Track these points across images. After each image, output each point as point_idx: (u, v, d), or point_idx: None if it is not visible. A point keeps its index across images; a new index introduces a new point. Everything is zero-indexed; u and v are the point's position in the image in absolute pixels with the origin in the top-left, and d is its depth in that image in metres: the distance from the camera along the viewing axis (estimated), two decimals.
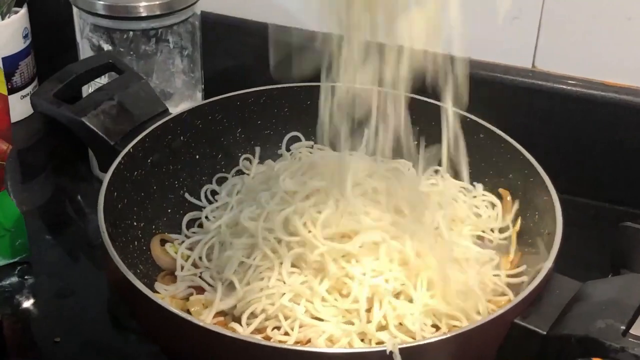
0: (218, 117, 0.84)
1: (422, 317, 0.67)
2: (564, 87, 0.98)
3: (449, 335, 0.61)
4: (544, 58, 0.99)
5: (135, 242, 0.76)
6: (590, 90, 0.97)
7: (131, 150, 0.76)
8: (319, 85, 0.83)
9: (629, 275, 0.66)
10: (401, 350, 0.59)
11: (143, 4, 0.92)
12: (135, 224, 0.77)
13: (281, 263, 0.69)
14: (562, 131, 0.98)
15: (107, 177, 0.73)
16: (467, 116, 0.82)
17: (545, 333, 0.63)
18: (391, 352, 0.59)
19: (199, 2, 0.97)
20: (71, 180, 0.99)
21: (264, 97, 0.85)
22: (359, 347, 0.64)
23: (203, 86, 1.02)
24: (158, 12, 0.93)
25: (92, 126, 0.79)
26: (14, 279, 0.82)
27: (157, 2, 0.93)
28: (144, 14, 0.93)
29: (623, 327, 0.60)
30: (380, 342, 0.66)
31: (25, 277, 0.82)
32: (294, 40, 0.86)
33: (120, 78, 0.82)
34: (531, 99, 0.98)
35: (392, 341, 0.60)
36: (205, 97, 0.98)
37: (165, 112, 0.82)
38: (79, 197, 0.96)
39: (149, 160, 0.79)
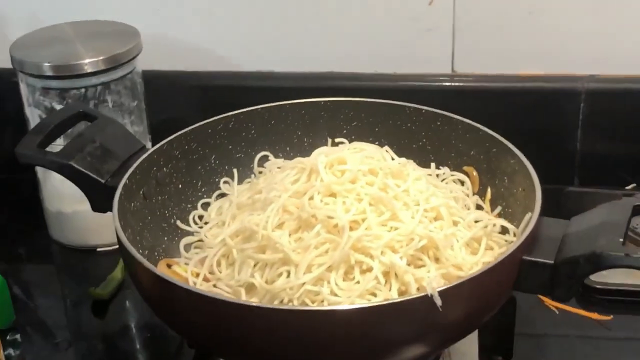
0: (193, 145, 0.88)
1: (438, 278, 0.73)
2: (484, 84, 1.08)
3: (472, 276, 0.68)
4: (461, 62, 1.09)
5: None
6: (507, 83, 1.07)
7: (127, 182, 0.80)
8: (282, 105, 0.90)
9: (607, 204, 0.74)
10: (440, 293, 0.65)
11: (88, 60, 0.96)
12: (140, 251, 0.79)
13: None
14: (488, 125, 1.07)
15: (114, 207, 0.76)
16: (422, 108, 0.90)
17: (553, 262, 0.70)
18: (431, 295, 0.65)
19: (140, 59, 1.02)
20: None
21: (232, 122, 0.90)
22: (401, 297, 0.69)
23: (150, 136, 1.06)
24: (103, 67, 0.98)
25: (81, 168, 0.82)
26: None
27: (102, 58, 0.97)
28: (90, 70, 0.97)
29: (621, 239, 0.68)
30: None
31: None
32: None
33: (96, 123, 0.86)
34: (455, 101, 1.07)
35: (430, 284, 0.65)
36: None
37: (144, 148, 0.86)
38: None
39: (141, 192, 0.82)
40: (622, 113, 1.06)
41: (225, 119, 0.90)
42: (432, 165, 0.89)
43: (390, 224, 0.76)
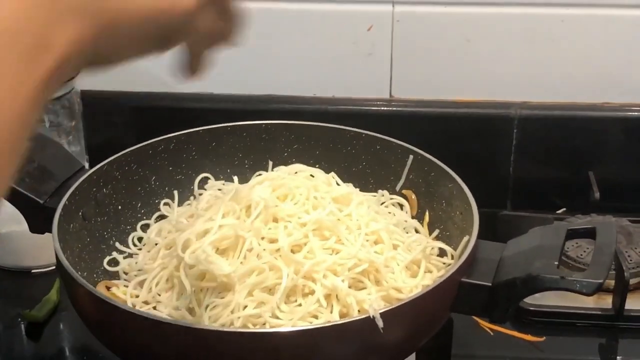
0: (133, 167, 0.88)
1: (379, 300, 0.74)
2: (421, 109, 1.10)
3: (412, 298, 0.69)
4: (399, 87, 1.11)
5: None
6: (443, 109, 1.10)
7: (66, 203, 0.79)
8: (222, 127, 0.90)
9: (542, 228, 0.76)
10: (381, 314, 0.66)
11: None
12: (79, 273, 0.78)
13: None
14: (424, 150, 1.09)
15: (54, 228, 0.75)
16: (362, 132, 0.92)
17: (490, 284, 0.72)
18: (373, 317, 0.66)
19: (79, 79, 1.01)
20: None
21: (173, 143, 0.90)
22: (343, 319, 0.70)
23: (88, 157, 1.06)
24: None
25: (19, 188, 0.81)
26: None
27: None
28: None
29: (556, 262, 0.70)
30: None
31: None
32: None
33: (34, 143, 0.84)
34: (392, 125, 1.09)
35: (372, 306, 0.66)
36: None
37: (83, 168, 0.86)
38: None
39: (80, 213, 0.82)
40: (554, 139, 1.09)
41: (166, 140, 0.90)
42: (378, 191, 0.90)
43: (333, 247, 0.76)
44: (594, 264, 0.70)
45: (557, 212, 1.09)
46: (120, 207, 0.87)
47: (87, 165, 1.03)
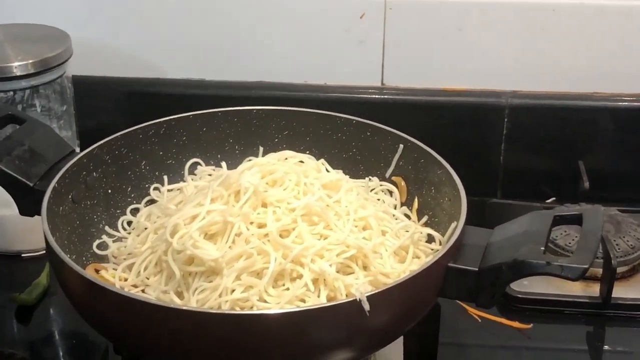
0: (124, 151, 0.88)
1: (366, 284, 0.74)
2: (411, 97, 1.10)
3: (399, 282, 0.69)
4: (390, 75, 1.11)
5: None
6: (434, 97, 1.10)
7: (56, 185, 0.79)
8: (214, 113, 0.90)
9: (529, 214, 0.77)
10: (368, 297, 0.66)
11: (17, 63, 0.95)
12: (68, 256, 0.78)
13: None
14: (415, 138, 1.09)
15: (43, 211, 0.76)
16: (352, 119, 0.92)
17: (477, 269, 0.73)
18: (360, 300, 0.66)
19: (70, 63, 1.01)
20: None
21: (164, 128, 0.90)
22: (330, 302, 0.70)
23: (79, 141, 1.06)
24: (33, 71, 0.97)
25: (9, 171, 0.81)
26: None
27: (31, 61, 0.96)
28: (18, 73, 0.96)
29: (542, 248, 0.71)
30: None
31: None
32: None
33: (25, 126, 0.85)
34: (383, 113, 1.09)
35: (359, 290, 0.67)
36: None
37: (73, 152, 0.86)
38: None
39: (69, 196, 0.82)
40: (544, 128, 1.09)
41: (156, 125, 0.90)
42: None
43: (321, 233, 0.77)
44: (579, 249, 0.70)
45: (547, 201, 1.10)
46: (110, 191, 0.88)
47: (78, 149, 1.03)
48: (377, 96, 1.10)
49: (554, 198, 1.10)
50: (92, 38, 1.10)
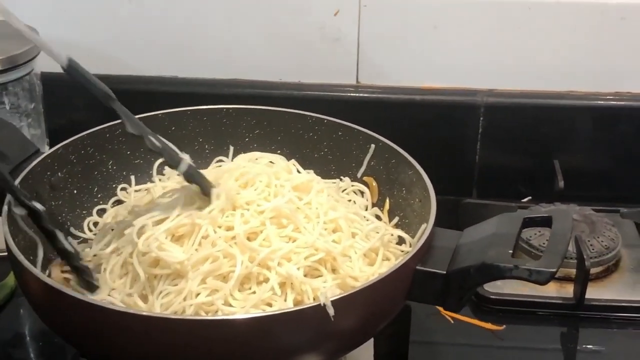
0: (90, 150, 0.87)
1: (334, 288, 0.73)
2: (387, 96, 1.09)
3: (365, 286, 0.68)
4: (365, 73, 1.10)
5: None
6: (409, 95, 1.09)
7: (18, 186, 0.77)
8: (183, 111, 0.89)
9: (498, 216, 0.76)
10: (333, 302, 0.65)
11: None
12: (31, 257, 0.77)
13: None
14: (390, 136, 1.08)
15: (4, 214, 0.74)
16: (324, 118, 0.91)
17: (445, 272, 0.72)
18: (324, 305, 0.65)
19: (38, 60, 0.99)
20: None
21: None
22: (294, 307, 0.69)
23: (48, 140, 1.04)
24: (0, 67, 0.95)
25: None
26: None
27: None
28: None
29: (510, 251, 0.70)
30: None
31: None
32: None
33: None
34: (358, 111, 1.09)
35: (324, 294, 0.66)
36: None
37: (38, 152, 0.84)
38: None
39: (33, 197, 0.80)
40: (520, 127, 1.08)
41: (124, 123, 0.88)
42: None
43: (290, 235, 0.76)
44: (547, 252, 0.69)
45: (522, 200, 1.09)
46: (75, 192, 0.86)
47: (46, 148, 1.02)
48: (352, 94, 1.10)
49: (529, 197, 1.10)
50: (62, 34, 1.09)
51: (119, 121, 0.86)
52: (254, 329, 0.66)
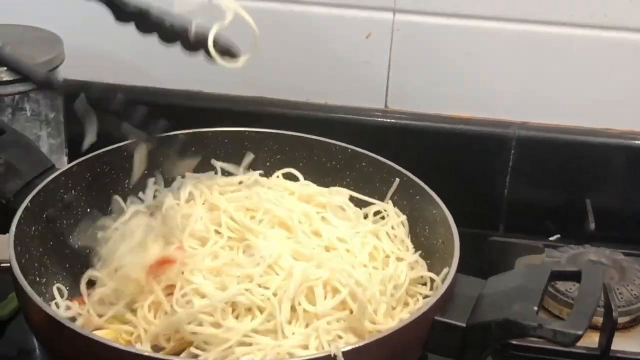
0: (106, 168, 0.84)
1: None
2: (415, 122, 1.06)
3: (381, 336, 0.65)
4: (395, 98, 1.06)
5: (40, 298, 0.74)
6: (439, 124, 1.05)
7: (29, 204, 0.75)
8: (204, 132, 0.86)
9: (525, 267, 0.73)
10: (344, 353, 0.62)
11: (4, 67, 0.92)
12: (37, 279, 0.75)
13: None
14: (415, 165, 1.05)
15: (11, 232, 0.72)
16: (348, 147, 0.88)
17: (464, 325, 0.68)
18: (335, 355, 0.62)
19: (63, 68, 0.97)
20: None
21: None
22: (306, 355, 0.66)
23: (67, 150, 1.02)
24: (21, 76, 0.93)
25: None
26: None
27: None
28: (7, 78, 0.92)
29: (535, 308, 0.66)
30: None
31: None
32: None
33: (3, 138, 0.81)
34: (385, 137, 1.05)
35: (335, 345, 0.63)
36: (71, 160, 0.97)
37: (53, 167, 0.82)
38: None
39: (44, 215, 0.78)
40: (552, 162, 1.04)
41: None
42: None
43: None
44: (575, 312, 0.66)
45: (550, 238, 1.05)
46: (89, 210, 0.84)
47: (65, 159, 1.00)
48: (379, 119, 1.06)
49: (558, 235, 1.06)
50: (88, 43, 1.06)
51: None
52: None
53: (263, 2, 1.03)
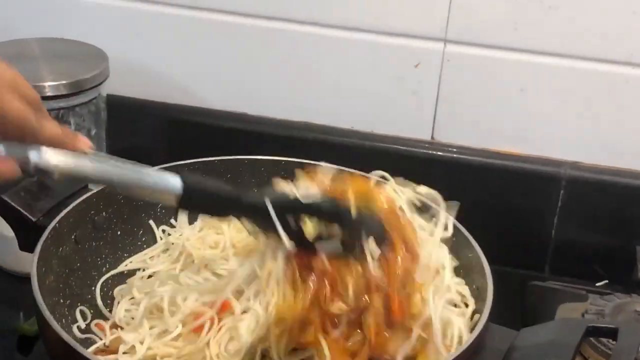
0: None
1: None
2: (462, 156, 1.03)
3: None
4: (442, 130, 1.04)
5: (63, 320, 0.74)
6: (487, 159, 1.02)
7: (57, 225, 0.75)
8: (240, 160, 0.85)
9: (560, 320, 0.69)
10: None
11: (50, 83, 0.92)
12: (61, 301, 0.75)
13: None
14: (460, 200, 1.02)
15: (36, 252, 0.71)
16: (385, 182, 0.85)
17: None
18: None
19: (106, 83, 0.97)
20: None
21: (185, 170, 0.85)
22: None
23: None
24: (65, 92, 0.93)
25: (13, 203, 0.77)
26: None
27: (64, 82, 0.93)
28: (50, 94, 0.92)
29: None
30: None
31: None
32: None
33: None
34: (431, 169, 1.02)
35: None
36: None
37: (85, 188, 0.81)
38: None
39: (72, 237, 0.77)
40: (603, 205, 1.00)
41: (177, 167, 0.84)
42: None
43: None
44: None
45: (597, 284, 1.01)
46: (119, 233, 0.83)
47: None
48: (425, 150, 1.03)
49: (605, 281, 1.01)
50: (134, 58, 1.06)
51: (172, 164, 0.83)
52: None
53: (314, 27, 1.02)
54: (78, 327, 0.75)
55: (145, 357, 0.69)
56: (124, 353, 0.70)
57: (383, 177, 0.81)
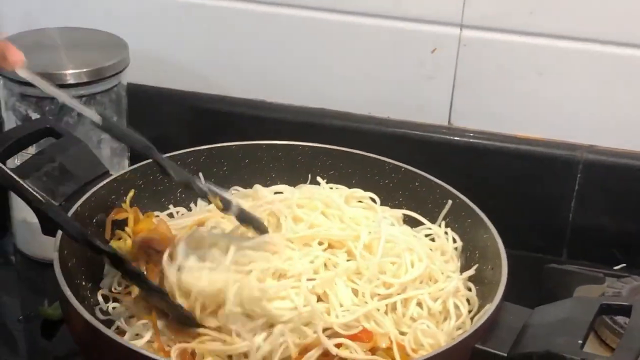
0: (159, 177, 0.84)
1: None
2: (479, 141, 1.03)
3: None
4: (459, 115, 1.04)
5: (85, 302, 0.75)
6: (504, 143, 1.03)
7: (78, 209, 0.76)
8: (258, 145, 0.86)
9: (574, 298, 0.70)
10: None
11: (70, 71, 0.93)
12: (83, 283, 0.76)
13: None
14: (478, 184, 1.02)
15: (58, 236, 0.73)
16: (401, 166, 0.86)
17: (506, 355, 0.66)
18: None
19: (126, 72, 0.98)
20: None
21: (204, 156, 0.87)
22: None
23: (129, 154, 1.03)
24: (86, 80, 0.94)
25: (34, 188, 0.77)
26: None
27: (85, 70, 0.94)
28: (71, 82, 0.93)
29: (580, 342, 0.64)
30: None
31: None
32: None
33: (60, 141, 0.82)
34: (448, 154, 1.03)
35: None
36: (133, 164, 0.98)
37: (106, 173, 0.83)
38: None
39: (94, 220, 0.79)
40: (620, 188, 1.01)
41: (196, 152, 0.86)
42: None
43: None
44: (621, 347, 0.63)
45: (615, 267, 1.01)
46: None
47: (126, 162, 1.01)
48: (442, 135, 1.04)
49: (624, 265, 1.01)
50: (154, 48, 1.07)
51: (190, 149, 0.84)
52: None
53: (328, 13, 1.02)
54: (100, 309, 0.76)
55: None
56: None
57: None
